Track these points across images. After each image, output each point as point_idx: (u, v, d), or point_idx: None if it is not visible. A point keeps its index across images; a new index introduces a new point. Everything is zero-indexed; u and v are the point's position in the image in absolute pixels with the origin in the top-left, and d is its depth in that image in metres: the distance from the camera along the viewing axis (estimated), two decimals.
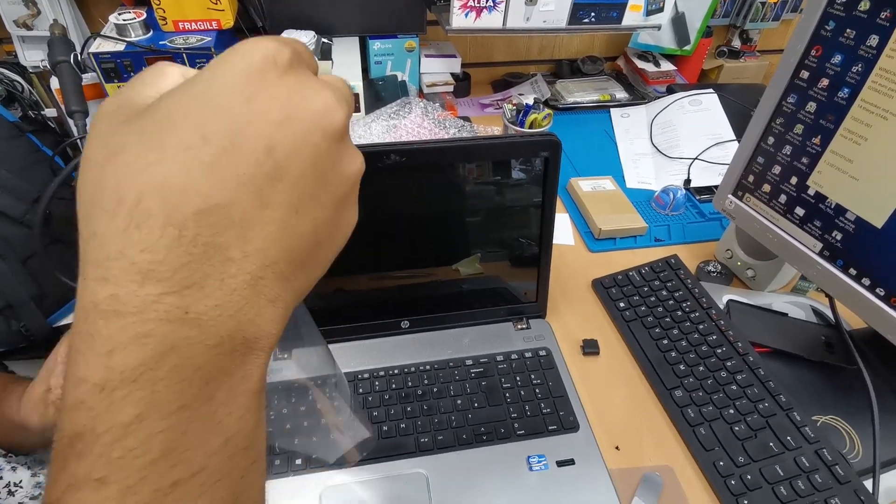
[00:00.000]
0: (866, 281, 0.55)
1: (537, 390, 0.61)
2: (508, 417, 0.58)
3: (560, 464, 0.55)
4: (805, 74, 0.57)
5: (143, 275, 0.17)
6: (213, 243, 0.18)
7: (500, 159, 0.58)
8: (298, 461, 0.54)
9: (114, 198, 0.17)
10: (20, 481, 0.42)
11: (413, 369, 0.63)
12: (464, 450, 0.56)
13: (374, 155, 0.54)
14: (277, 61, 0.19)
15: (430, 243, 0.63)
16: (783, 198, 0.61)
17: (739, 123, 1.03)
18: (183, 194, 0.17)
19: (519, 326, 0.68)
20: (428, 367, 0.63)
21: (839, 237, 0.56)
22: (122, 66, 0.85)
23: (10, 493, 0.41)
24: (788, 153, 0.60)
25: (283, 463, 0.54)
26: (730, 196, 0.68)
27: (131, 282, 0.17)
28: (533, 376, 0.62)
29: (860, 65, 0.51)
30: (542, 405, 0.60)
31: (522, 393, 0.61)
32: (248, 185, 0.18)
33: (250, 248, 0.18)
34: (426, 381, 0.62)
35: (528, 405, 0.59)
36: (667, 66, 1.26)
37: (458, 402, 0.60)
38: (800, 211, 0.60)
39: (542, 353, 0.65)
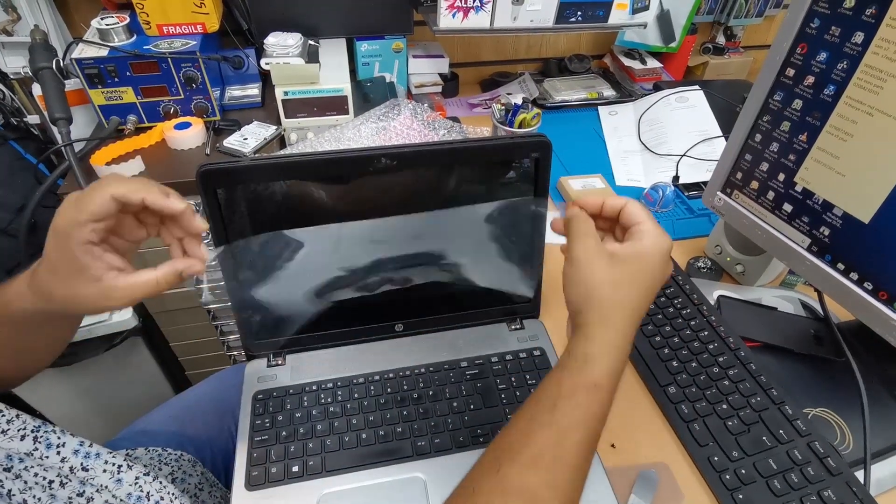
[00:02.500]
0: (854, 275, 0.56)
1: (532, 390, 0.61)
2: (504, 419, 0.58)
3: None
4: (791, 72, 0.57)
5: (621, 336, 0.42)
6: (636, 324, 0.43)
7: (490, 161, 0.58)
8: (295, 468, 0.54)
9: (620, 306, 0.42)
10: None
11: (408, 372, 0.63)
12: (461, 452, 0.56)
13: (366, 159, 0.54)
14: (670, 251, 0.43)
15: (423, 246, 0.63)
16: (771, 194, 0.62)
17: (726, 119, 1.04)
18: (640, 308, 0.43)
19: (513, 327, 0.68)
20: (423, 370, 0.63)
21: (827, 233, 0.57)
22: (106, 72, 0.83)
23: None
24: (776, 150, 0.60)
25: (279, 471, 0.54)
26: (718, 193, 0.69)
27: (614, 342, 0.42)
28: (528, 376, 0.62)
29: (845, 62, 0.52)
30: None
31: (518, 394, 0.61)
32: (649, 299, 0.43)
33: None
34: (422, 384, 0.62)
35: None
36: (653, 63, 1.27)
37: (455, 404, 0.60)
38: (788, 207, 0.61)
39: (537, 352, 0.65)
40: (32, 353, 0.52)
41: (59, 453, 0.44)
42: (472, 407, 0.60)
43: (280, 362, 0.64)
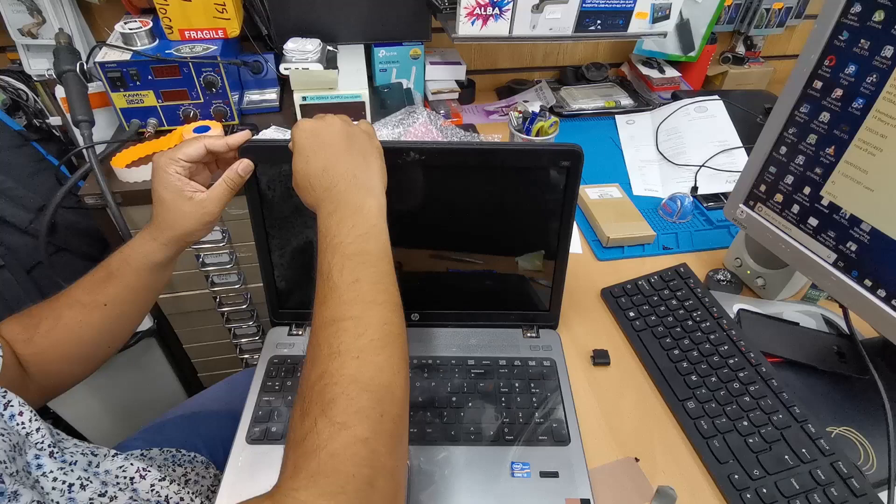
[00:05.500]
0: (882, 292, 0.54)
1: (534, 399, 0.60)
2: (501, 421, 0.58)
3: (543, 475, 0.54)
4: (818, 84, 0.56)
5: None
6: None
7: (521, 167, 0.58)
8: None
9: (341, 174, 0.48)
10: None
11: (415, 361, 0.64)
12: (451, 446, 0.56)
13: (395, 151, 0.55)
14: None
15: (443, 245, 0.63)
16: (796, 208, 0.61)
17: (745, 130, 1.03)
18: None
19: (528, 334, 0.68)
20: (430, 361, 0.64)
21: (854, 248, 0.56)
22: (128, 76, 0.84)
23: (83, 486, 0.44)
24: (801, 163, 0.59)
25: (279, 430, 0.56)
26: (741, 205, 0.68)
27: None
28: (533, 385, 0.62)
29: (875, 75, 0.51)
30: (537, 415, 0.59)
31: (519, 400, 0.60)
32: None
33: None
34: (426, 375, 0.62)
35: (521, 412, 0.59)
36: (671, 72, 1.26)
37: (454, 399, 0.60)
38: (813, 221, 0.60)
39: (547, 363, 0.64)
40: (138, 312, 0.59)
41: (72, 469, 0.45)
42: (469, 405, 0.60)
43: (300, 333, 0.67)
